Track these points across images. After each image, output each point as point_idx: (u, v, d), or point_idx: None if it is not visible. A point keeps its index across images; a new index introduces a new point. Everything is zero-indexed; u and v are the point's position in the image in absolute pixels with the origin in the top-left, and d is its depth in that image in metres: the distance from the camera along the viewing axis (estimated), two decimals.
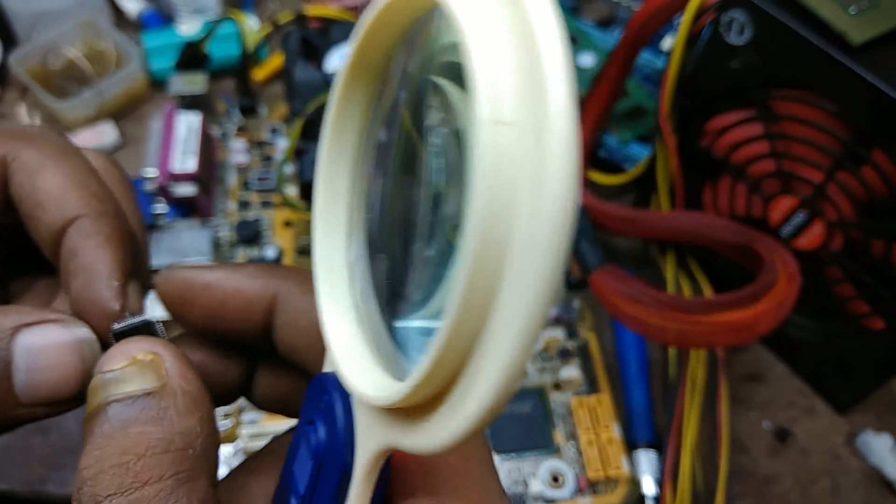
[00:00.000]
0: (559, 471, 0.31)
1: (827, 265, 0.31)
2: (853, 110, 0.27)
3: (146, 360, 0.13)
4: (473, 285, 0.09)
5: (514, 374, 0.09)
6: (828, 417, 0.34)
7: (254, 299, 0.14)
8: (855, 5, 0.27)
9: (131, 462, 0.12)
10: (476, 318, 0.09)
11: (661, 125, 0.33)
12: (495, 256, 0.09)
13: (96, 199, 0.15)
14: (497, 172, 0.09)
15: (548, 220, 0.08)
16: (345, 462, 0.12)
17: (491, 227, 0.09)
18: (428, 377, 0.09)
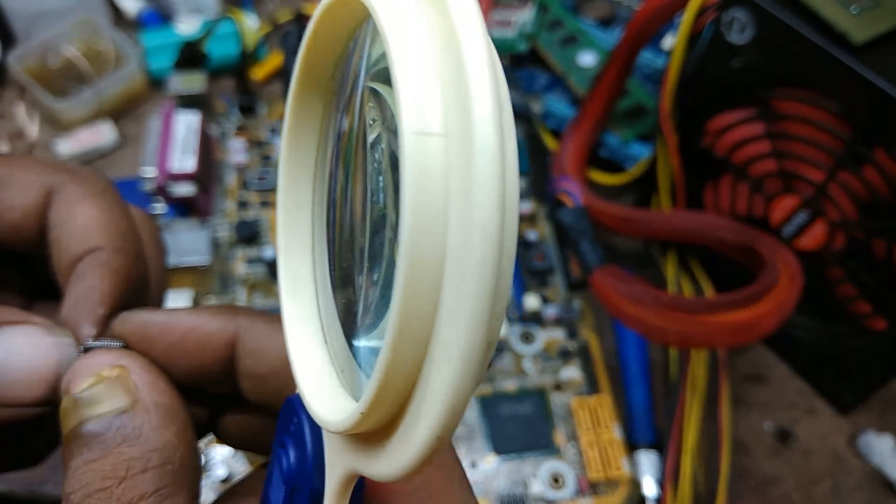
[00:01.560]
0: (560, 472, 0.31)
1: (829, 265, 0.31)
2: (855, 110, 0.26)
3: (113, 377, 0.13)
4: (408, 306, 0.08)
5: (457, 401, 0.08)
6: (829, 418, 0.34)
7: (213, 336, 0.14)
8: (856, 4, 0.27)
9: (113, 486, 0.12)
10: (416, 340, 0.09)
11: (662, 124, 0.33)
12: (430, 276, 0.08)
13: (119, 236, 0.16)
14: (424, 186, 0.08)
15: (478, 236, 0.08)
16: (314, 487, 0.12)
17: (420, 245, 0.08)
18: (374, 403, 0.09)
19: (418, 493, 0.13)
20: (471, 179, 0.08)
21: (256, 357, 0.14)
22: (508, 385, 0.34)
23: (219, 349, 0.14)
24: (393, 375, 0.09)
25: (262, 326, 0.15)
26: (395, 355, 0.09)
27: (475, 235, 0.08)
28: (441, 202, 0.08)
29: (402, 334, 0.08)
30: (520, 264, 0.37)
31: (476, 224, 0.08)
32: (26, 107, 0.44)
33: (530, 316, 0.35)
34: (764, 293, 0.27)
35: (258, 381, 0.14)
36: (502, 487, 0.31)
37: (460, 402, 0.08)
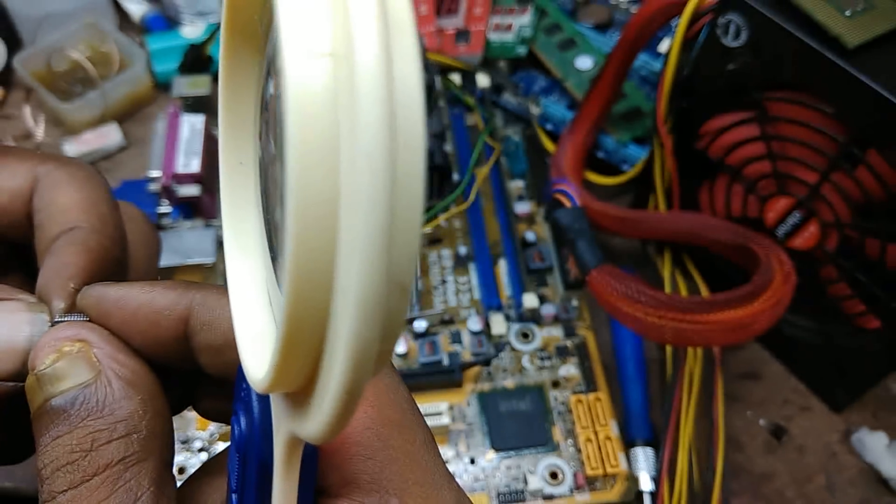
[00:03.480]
0: (558, 468, 0.31)
1: (822, 265, 0.31)
2: (848, 112, 0.27)
3: (74, 351, 0.13)
4: (301, 248, 0.08)
5: (361, 348, 0.08)
6: (823, 415, 0.35)
7: (165, 310, 0.14)
8: (850, 8, 0.27)
9: (80, 459, 0.12)
10: (315, 285, 0.08)
11: (659, 127, 0.34)
12: (322, 214, 0.08)
13: (98, 218, 0.16)
14: (307, 113, 0.07)
15: (363, 165, 0.07)
16: (262, 455, 0.12)
17: (307, 181, 0.07)
18: (282, 356, 0.09)
19: (378, 456, 0.13)
20: (354, 104, 0.07)
21: (211, 329, 0.14)
22: (507, 382, 0.34)
23: (171, 324, 0.14)
24: (296, 324, 0.08)
25: (215, 298, 0.14)
26: (294, 301, 0.08)
27: (361, 165, 0.07)
28: (329, 130, 0.07)
29: (299, 275, 0.08)
30: (518, 264, 0.37)
31: (361, 152, 0.07)
32: (32, 109, 0.45)
33: (529, 314, 0.36)
34: (758, 292, 0.28)
35: (215, 353, 0.14)
36: (501, 483, 0.31)
37: (365, 349, 0.08)
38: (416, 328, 0.35)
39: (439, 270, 0.38)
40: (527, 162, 0.42)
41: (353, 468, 0.13)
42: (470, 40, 0.44)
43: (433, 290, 0.37)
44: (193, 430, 0.32)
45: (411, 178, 0.07)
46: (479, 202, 0.40)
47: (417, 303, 0.36)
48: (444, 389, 0.34)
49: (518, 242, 0.38)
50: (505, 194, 0.40)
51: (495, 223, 0.39)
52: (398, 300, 0.08)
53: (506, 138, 0.43)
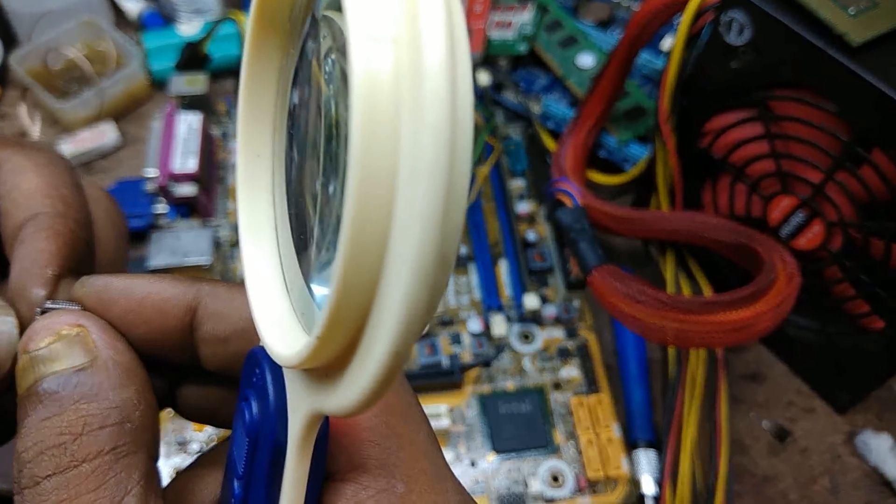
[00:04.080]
0: (559, 470, 0.31)
1: (826, 265, 0.31)
2: (852, 110, 0.27)
3: (72, 335, 0.13)
4: (360, 214, 0.08)
5: (412, 313, 0.08)
6: (827, 417, 0.34)
7: (172, 300, 0.14)
8: (854, 6, 0.27)
9: (68, 442, 0.12)
10: (370, 251, 0.08)
11: (661, 125, 0.33)
12: (381, 183, 0.08)
13: (62, 202, 0.16)
14: (373, 93, 0.08)
15: (428, 137, 0.07)
16: (277, 435, 0.12)
17: (371, 152, 0.08)
18: (330, 327, 0.09)
19: (386, 443, 0.13)
20: (420, 84, 0.08)
21: (217, 319, 0.14)
22: (508, 384, 0.34)
23: (178, 314, 0.14)
24: (348, 291, 0.08)
25: (224, 290, 0.14)
26: (349, 268, 0.08)
27: (426, 137, 0.08)
28: (391, 109, 0.08)
29: (355, 244, 0.08)
30: (519, 264, 0.37)
31: (426, 125, 0.08)
32: (28, 108, 0.44)
33: (530, 315, 0.35)
34: (762, 293, 0.28)
35: (219, 343, 0.14)
36: (502, 486, 0.31)
37: (416, 315, 0.08)
38: None
39: None
40: (528, 161, 0.42)
41: (363, 453, 0.13)
42: (470, 38, 0.43)
43: None
44: (191, 432, 0.32)
45: (464, 155, 0.08)
46: (479, 202, 0.39)
47: None
48: (444, 391, 0.33)
49: (519, 242, 0.38)
50: (506, 194, 0.40)
51: (496, 223, 0.39)
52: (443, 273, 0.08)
53: (506, 137, 0.43)
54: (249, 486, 0.12)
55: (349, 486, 0.13)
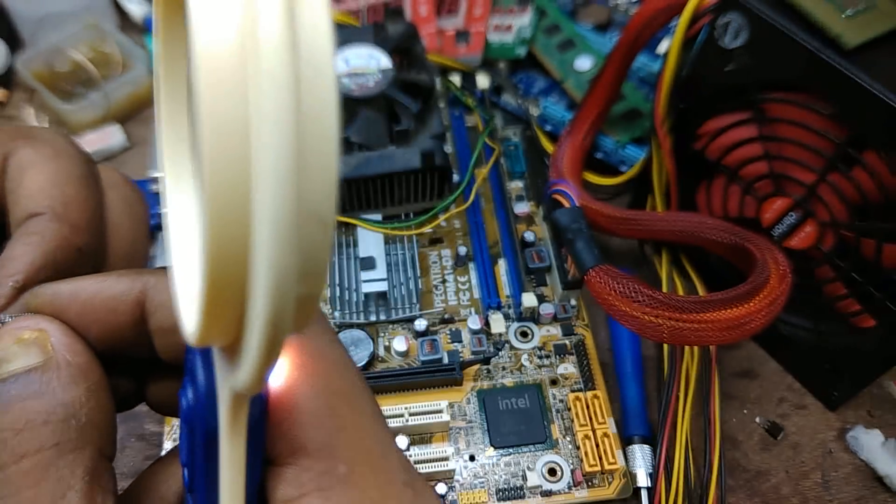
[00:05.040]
0: (556, 464, 0.32)
1: (818, 265, 0.31)
2: (847, 113, 0.27)
3: (31, 338, 0.13)
4: (216, 178, 0.08)
5: (282, 275, 0.08)
6: (819, 414, 0.35)
7: (120, 296, 0.14)
8: (850, 8, 0.27)
9: (9, 438, 0.12)
10: (233, 213, 0.08)
11: (657, 128, 0.34)
12: (233, 143, 0.07)
13: (62, 203, 0.15)
14: (212, 43, 0.07)
15: (267, 85, 0.07)
16: (207, 422, 0.12)
17: (217, 106, 0.07)
18: (208, 301, 0.08)
19: (326, 425, 0.13)
20: (255, 28, 0.07)
21: (163, 310, 0.14)
22: (506, 380, 0.34)
23: (127, 309, 0.14)
24: (217, 262, 0.08)
25: (167, 280, 0.14)
26: (213, 238, 0.08)
27: (265, 85, 0.07)
28: (236, 64, 0.07)
29: (215, 202, 0.08)
30: (517, 264, 0.38)
31: (264, 72, 0.07)
32: (34, 110, 0.45)
33: (528, 314, 0.36)
34: (755, 292, 0.28)
35: (167, 334, 0.14)
36: (500, 480, 0.32)
37: (285, 278, 0.08)
38: (417, 327, 0.35)
39: (439, 270, 0.38)
40: (526, 162, 0.42)
41: (302, 436, 0.13)
42: (470, 41, 0.44)
43: (433, 289, 0.37)
44: None
45: (320, 104, 0.07)
46: (478, 202, 0.40)
47: (418, 302, 0.36)
48: (444, 387, 0.34)
49: (517, 242, 0.38)
50: (504, 195, 0.40)
51: (495, 223, 0.39)
52: (315, 232, 0.08)
53: (505, 139, 0.43)
54: (193, 472, 0.12)
55: (290, 470, 0.13)
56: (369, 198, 0.37)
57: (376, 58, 0.37)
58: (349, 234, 0.37)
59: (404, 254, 0.37)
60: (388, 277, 0.36)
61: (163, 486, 0.15)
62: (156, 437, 0.33)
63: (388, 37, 0.38)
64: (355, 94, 0.36)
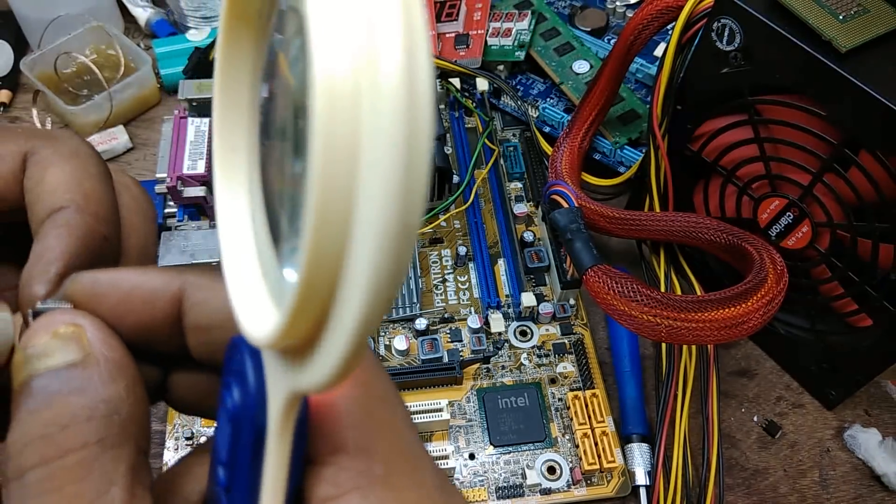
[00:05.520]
0: (555, 463, 0.32)
1: (815, 264, 0.32)
2: (841, 114, 0.27)
3: (67, 332, 0.13)
4: (325, 189, 0.08)
5: (380, 280, 0.08)
6: (816, 412, 0.35)
7: (158, 290, 0.14)
8: (844, 12, 0.27)
9: (55, 433, 0.12)
10: (335, 225, 0.08)
11: (654, 129, 0.34)
12: (343, 154, 0.08)
13: (83, 196, 0.16)
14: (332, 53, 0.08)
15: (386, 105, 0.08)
16: (257, 419, 0.12)
17: (331, 120, 0.08)
18: (301, 298, 0.09)
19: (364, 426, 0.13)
20: (377, 51, 0.08)
21: (202, 308, 0.14)
22: (506, 379, 0.35)
23: (165, 303, 0.14)
24: (316, 259, 0.09)
25: (208, 280, 0.14)
26: (316, 237, 0.08)
27: (383, 105, 0.08)
28: (351, 78, 0.08)
29: (321, 214, 0.08)
30: (517, 264, 0.38)
31: (384, 95, 0.08)
32: (40, 112, 0.45)
33: (527, 313, 0.36)
34: (751, 291, 0.28)
35: (204, 332, 0.14)
36: (500, 478, 0.32)
37: (382, 283, 0.08)
38: (417, 326, 0.35)
39: (440, 270, 0.38)
40: (525, 164, 0.43)
41: (342, 436, 0.13)
42: (469, 45, 0.44)
43: (434, 288, 0.37)
44: (199, 427, 0.33)
45: (421, 134, 0.08)
46: (478, 203, 0.40)
47: (418, 301, 0.36)
48: (444, 386, 0.34)
49: (516, 242, 0.39)
50: (503, 195, 0.41)
51: (494, 224, 0.40)
52: (408, 242, 0.08)
53: (504, 141, 0.44)
54: (233, 471, 0.13)
55: (329, 469, 0.13)
56: None
57: None
58: None
59: None
60: None
61: (186, 487, 0.15)
62: (158, 435, 0.33)
63: None
64: None
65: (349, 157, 0.08)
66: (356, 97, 0.08)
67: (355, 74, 0.08)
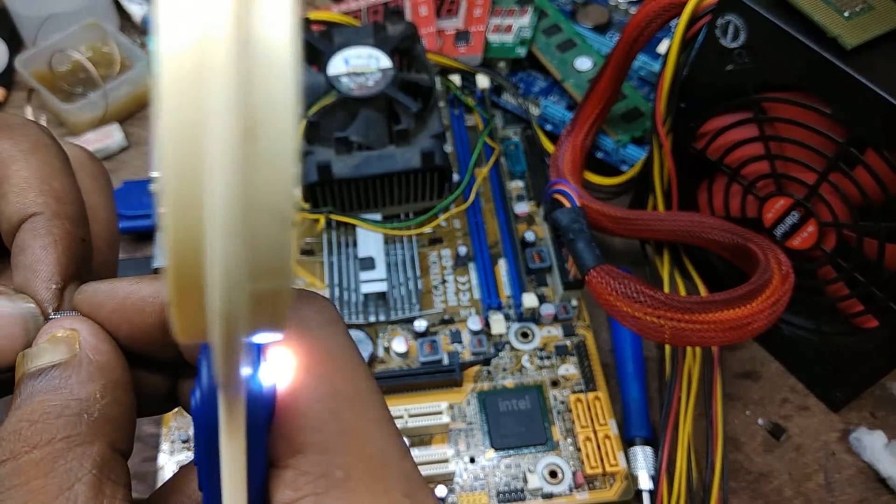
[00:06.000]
0: (557, 466, 0.32)
1: (820, 265, 0.31)
2: (847, 112, 0.27)
3: (64, 336, 0.14)
4: (173, 180, 0.08)
5: (231, 268, 0.08)
6: (821, 415, 0.35)
7: (149, 298, 0.15)
8: (849, 9, 0.27)
9: (24, 429, 0.12)
10: (189, 218, 0.08)
11: (657, 127, 0.34)
12: (188, 146, 0.08)
13: (55, 199, 0.16)
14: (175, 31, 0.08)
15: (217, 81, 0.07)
16: (208, 419, 0.12)
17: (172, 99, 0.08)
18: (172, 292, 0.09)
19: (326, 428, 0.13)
20: (210, 27, 0.07)
21: None
22: (507, 381, 0.34)
23: (154, 311, 0.14)
24: (177, 257, 0.08)
25: None
26: (171, 225, 0.08)
27: (213, 80, 0.07)
28: (192, 58, 0.08)
29: (171, 200, 0.08)
30: (518, 264, 0.38)
31: (212, 68, 0.07)
32: (34, 110, 0.45)
33: (528, 314, 0.36)
34: (756, 292, 0.28)
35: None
36: (501, 482, 0.31)
37: (235, 272, 0.08)
38: (417, 327, 0.35)
39: (439, 270, 0.38)
40: (526, 162, 0.42)
41: (301, 438, 0.13)
42: (470, 41, 0.44)
43: (433, 289, 0.37)
44: None
45: (275, 99, 0.07)
46: (478, 202, 0.40)
47: (418, 302, 0.36)
48: (444, 388, 0.34)
49: (517, 242, 0.38)
50: (504, 194, 0.40)
51: (495, 223, 0.39)
52: (271, 228, 0.08)
53: (505, 139, 0.43)
54: (201, 471, 0.13)
55: (289, 472, 0.13)
56: (369, 198, 0.37)
57: (376, 58, 0.37)
58: (349, 234, 0.37)
59: (404, 254, 0.37)
60: (387, 278, 0.36)
61: (189, 487, 0.15)
62: (153, 438, 0.33)
63: (389, 37, 0.38)
64: (355, 94, 0.36)
65: (192, 135, 0.08)
66: (198, 75, 0.08)
67: (194, 51, 0.08)
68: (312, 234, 0.39)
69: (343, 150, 0.36)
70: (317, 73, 0.37)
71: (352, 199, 0.37)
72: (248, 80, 0.07)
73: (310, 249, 0.38)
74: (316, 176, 0.35)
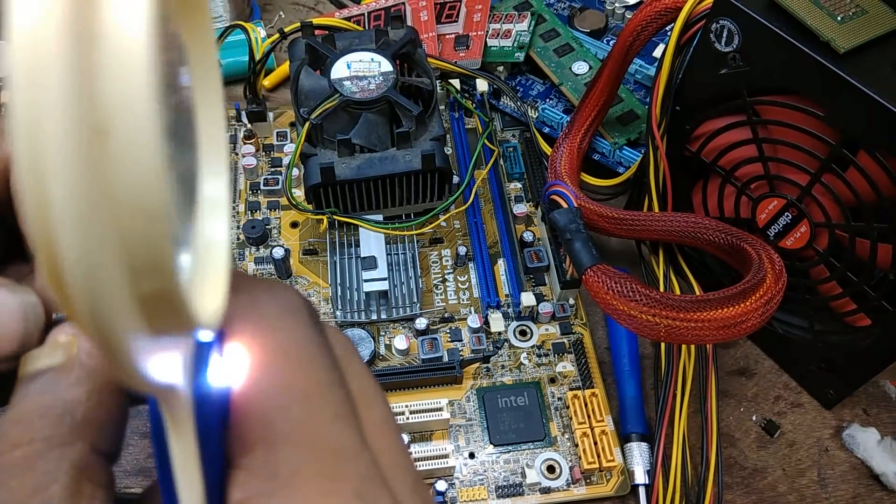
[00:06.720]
0: (555, 462, 0.32)
1: (813, 264, 0.32)
2: (839, 115, 0.27)
3: (65, 341, 0.14)
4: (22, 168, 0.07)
5: (87, 274, 0.07)
6: (815, 412, 0.35)
7: None
8: (842, 13, 0.28)
9: (8, 429, 0.13)
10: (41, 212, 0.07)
11: (653, 130, 0.34)
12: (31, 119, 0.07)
13: None
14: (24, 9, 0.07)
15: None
16: (155, 425, 0.12)
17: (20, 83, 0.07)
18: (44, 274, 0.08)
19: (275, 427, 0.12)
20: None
21: None
22: (505, 378, 0.35)
23: None
24: (39, 251, 0.08)
25: None
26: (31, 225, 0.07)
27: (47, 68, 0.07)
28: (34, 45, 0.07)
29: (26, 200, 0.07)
30: (516, 263, 0.38)
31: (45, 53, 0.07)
32: None
33: (526, 313, 0.36)
34: (751, 291, 0.28)
35: None
36: (500, 477, 0.32)
37: (93, 275, 0.07)
38: (417, 325, 0.35)
39: (440, 270, 0.38)
40: (524, 164, 0.43)
41: (250, 438, 0.13)
42: (469, 46, 0.44)
43: (434, 288, 0.38)
44: None
45: (123, 89, 0.07)
46: (478, 203, 0.40)
47: (418, 301, 0.36)
48: (444, 385, 0.34)
49: (516, 242, 0.39)
50: (503, 196, 0.41)
51: (494, 224, 0.40)
52: (138, 224, 0.07)
53: (504, 141, 0.44)
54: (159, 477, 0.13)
55: (240, 473, 0.13)
56: (371, 199, 0.38)
57: (378, 62, 0.38)
58: (351, 235, 0.38)
59: (405, 254, 0.38)
60: (388, 277, 0.36)
61: None
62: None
63: (390, 42, 0.39)
64: (358, 98, 0.36)
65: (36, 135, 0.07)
66: (35, 71, 0.07)
67: (32, 45, 0.07)
68: (316, 235, 0.39)
69: (345, 153, 0.36)
70: (320, 77, 0.38)
71: (354, 200, 0.37)
72: (90, 73, 0.07)
73: (313, 249, 0.39)
74: (319, 178, 0.35)
